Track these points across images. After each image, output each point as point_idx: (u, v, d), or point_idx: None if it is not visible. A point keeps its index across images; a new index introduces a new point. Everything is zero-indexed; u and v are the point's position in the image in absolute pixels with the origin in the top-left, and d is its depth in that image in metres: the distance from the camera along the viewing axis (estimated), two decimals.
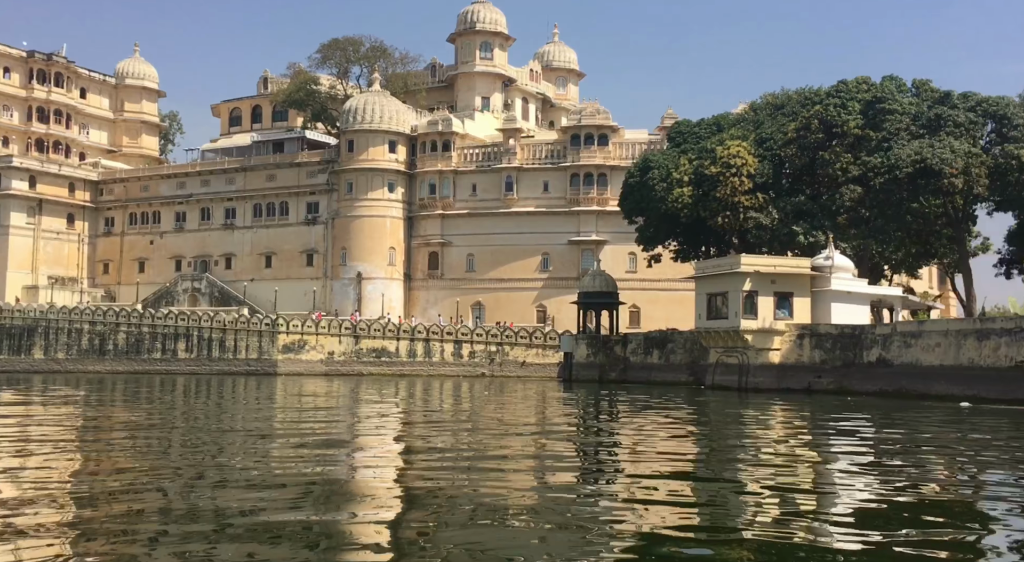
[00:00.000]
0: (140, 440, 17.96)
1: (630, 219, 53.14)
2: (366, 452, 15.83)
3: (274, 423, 22.57)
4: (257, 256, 76.90)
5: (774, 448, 17.49)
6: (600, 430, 21.78)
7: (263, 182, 77.13)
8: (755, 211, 43.03)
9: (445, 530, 8.27)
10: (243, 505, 9.48)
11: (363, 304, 71.90)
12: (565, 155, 71.11)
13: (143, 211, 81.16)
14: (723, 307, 38.88)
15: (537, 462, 14.27)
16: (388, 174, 72.82)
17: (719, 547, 7.81)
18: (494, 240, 71.91)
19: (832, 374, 35.63)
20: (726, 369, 39.35)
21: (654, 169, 49.59)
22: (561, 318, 69.85)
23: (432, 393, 40.75)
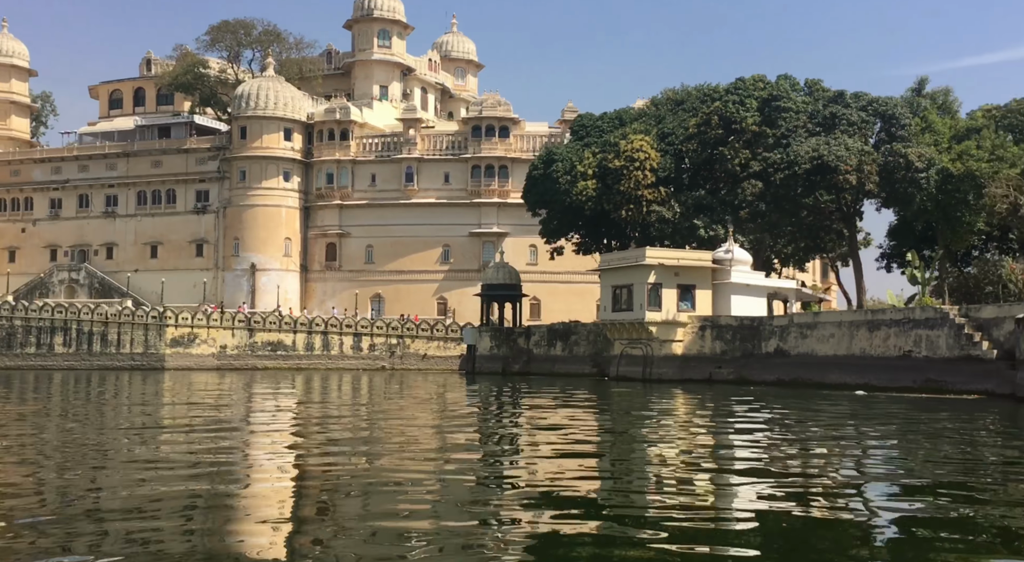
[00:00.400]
0: (11, 435, 16.81)
1: (533, 211, 53.20)
2: (258, 448, 15.01)
3: (161, 419, 21.26)
4: (142, 246, 73.14)
5: (675, 434, 17.82)
6: (504, 421, 21.53)
7: (148, 168, 73.35)
8: (658, 205, 43.75)
9: (339, 530, 7.67)
10: (122, 515, 8.55)
11: (257, 296, 69.50)
12: (466, 146, 70.62)
13: (13, 197, 75.85)
14: (628, 299, 39.36)
15: (438, 454, 13.89)
16: (283, 162, 70.53)
17: (619, 536, 7.61)
18: (394, 231, 70.77)
19: (732, 364, 36.61)
20: (630, 360, 39.87)
21: (558, 162, 49.74)
22: (462, 310, 69.47)
23: (331, 387, 39.65)
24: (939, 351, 28.12)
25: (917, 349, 28.96)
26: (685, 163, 44.77)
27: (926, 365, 28.42)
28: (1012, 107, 42.08)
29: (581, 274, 68.88)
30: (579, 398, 29.05)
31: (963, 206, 35.84)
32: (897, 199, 34.96)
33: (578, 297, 69.44)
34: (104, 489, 10.12)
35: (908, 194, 34.40)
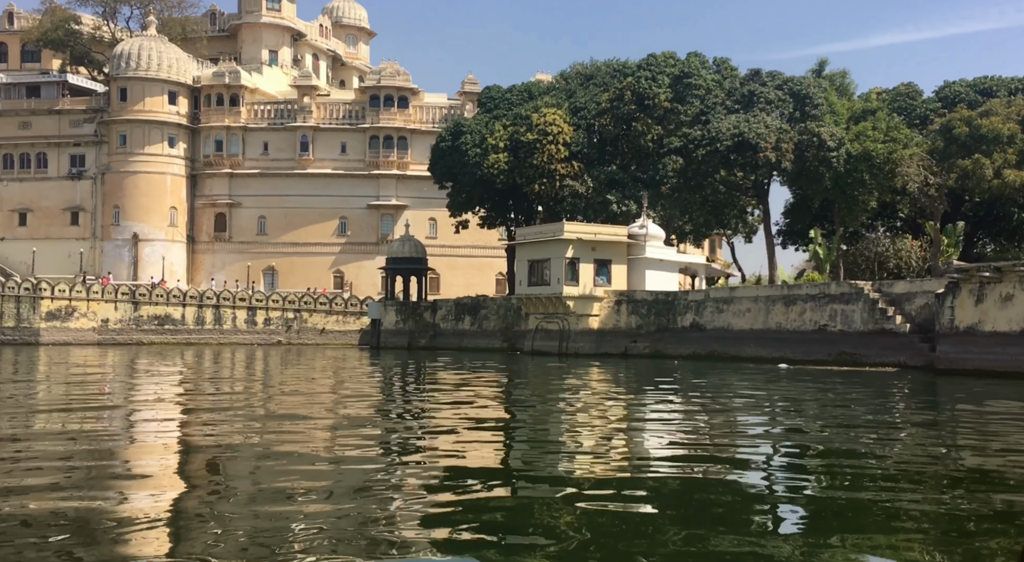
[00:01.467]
0: None
1: (440, 184, 51.97)
2: (142, 426, 13.74)
3: (35, 396, 19.14)
4: (9, 213, 67.13)
5: (590, 404, 17.61)
6: (411, 394, 20.70)
7: (15, 130, 67.19)
8: (571, 179, 43.48)
9: (228, 510, 6.97)
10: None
11: (140, 268, 65.20)
12: (364, 116, 68.27)
13: None
14: (545, 273, 38.97)
15: (337, 429, 13.08)
16: (168, 127, 66.14)
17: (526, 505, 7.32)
18: (288, 202, 67.83)
19: (647, 339, 36.89)
20: (546, 335, 39.59)
21: (466, 134, 48.63)
22: (360, 284, 67.57)
23: (222, 362, 37.56)
24: (854, 325, 29.11)
25: (832, 323, 29.90)
26: (597, 138, 44.62)
27: (841, 338, 29.38)
28: (901, 90, 44.07)
29: (482, 249, 68.30)
30: (490, 372, 28.54)
31: (860, 185, 37.23)
32: (808, 177, 35.90)
33: (478, 271, 68.79)
34: None
35: (818, 172, 35.39)
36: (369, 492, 7.75)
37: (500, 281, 69.49)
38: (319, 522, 6.50)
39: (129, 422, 14.34)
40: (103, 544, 5.93)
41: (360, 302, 60.31)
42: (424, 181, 68.85)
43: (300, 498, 7.42)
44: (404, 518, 6.68)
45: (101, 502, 7.41)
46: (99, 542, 5.95)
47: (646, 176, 42.63)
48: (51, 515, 6.80)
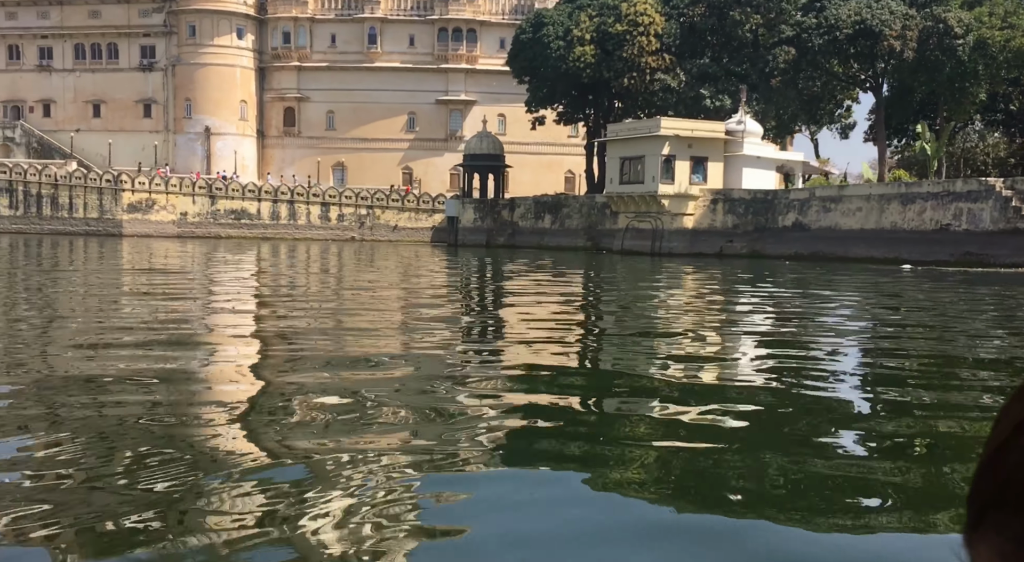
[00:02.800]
0: None
1: (519, 78, 50.01)
2: (224, 317, 13.17)
3: (120, 287, 18.56)
4: (83, 104, 66.60)
5: (691, 304, 16.59)
6: (497, 292, 19.84)
7: (85, 19, 65.86)
8: (662, 73, 41.37)
9: (303, 406, 6.39)
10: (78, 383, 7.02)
11: (212, 162, 64.74)
12: (432, 7, 65.67)
13: None
14: (638, 171, 37.50)
15: (422, 324, 12.22)
16: (236, 18, 64.33)
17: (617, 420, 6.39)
18: (356, 96, 66.28)
19: (744, 239, 35.60)
20: (637, 234, 38.42)
21: (548, 26, 46.37)
22: (428, 180, 66.54)
23: (298, 255, 37.25)
24: (982, 224, 27.50)
25: (957, 222, 28.29)
26: (690, 29, 42.11)
27: (966, 238, 27.83)
28: None
29: (551, 145, 66.53)
30: (577, 270, 27.76)
31: (973, 76, 34.59)
32: (927, 67, 33.27)
33: (546, 169, 67.21)
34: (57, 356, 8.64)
35: (938, 62, 32.84)
36: (443, 394, 6.98)
37: (569, 179, 67.96)
38: (390, 424, 5.89)
39: (208, 311, 13.88)
40: (176, 432, 5.63)
41: (432, 199, 59.39)
42: (493, 75, 66.73)
43: (372, 393, 6.76)
44: (479, 423, 5.92)
45: (177, 385, 7.19)
46: (172, 432, 5.64)
47: (741, 69, 40.37)
48: (130, 400, 6.54)
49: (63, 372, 7.60)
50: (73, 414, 5.99)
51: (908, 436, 5.99)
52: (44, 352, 8.96)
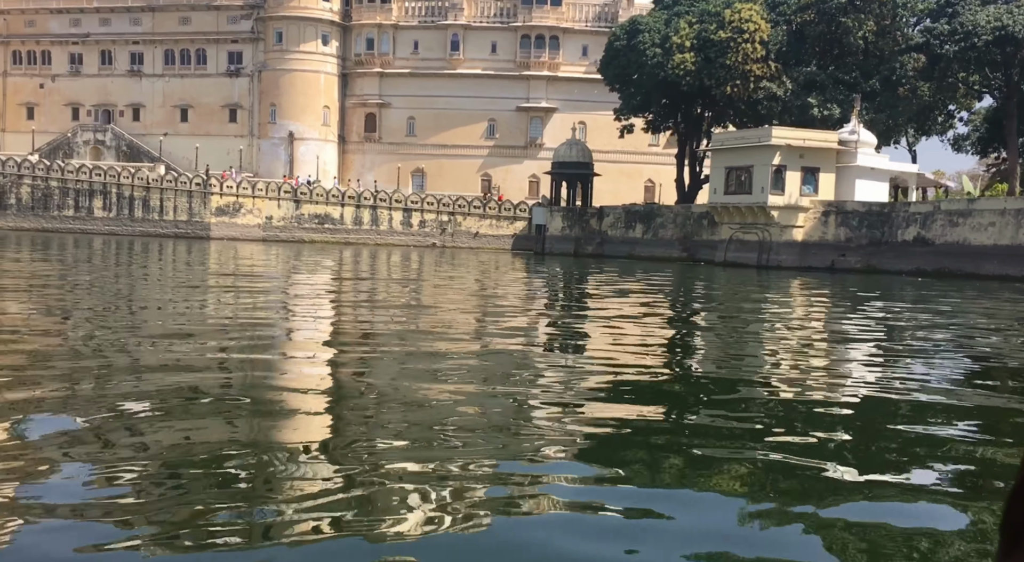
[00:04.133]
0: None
1: (611, 86, 49.07)
2: (311, 320, 13.13)
3: (207, 291, 18.47)
4: (171, 108, 67.54)
5: (802, 320, 15.39)
6: (592, 300, 18.74)
7: (176, 25, 66.83)
8: (767, 80, 40.04)
9: (383, 417, 6.23)
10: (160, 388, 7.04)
11: (295, 166, 65.01)
12: (516, 14, 65.11)
13: (29, 50, 69.04)
14: (746, 181, 36.24)
15: (511, 332, 11.83)
16: (322, 24, 64.60)
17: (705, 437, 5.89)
18: (437, 103, 65.98)
19: (858, 253, 34.10)
20: (742, 246, 37.13)
21: (644, 33, 45.34)
22: (507, 188, 65.92)
23: (379, 260, 36.89)
24: None
25: None
26: (797, 36, 40.72)
27: None
28: None
29: (631, 154, 65.39)
30: (674, 280, 26.71)
31: None
32: None
33: (626, 178, 66.05)
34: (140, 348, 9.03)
35: None
36: (518, 401, 6.71)
37: (649, 188, 66.74)
38: (469, 426, 5.82)
39: (289, 313, 13.83)
40: (257, 421, 5.82)
41: (514, 207, 58.73)
42: (575, 83, 65.95)
43: (453, 398, 6.70)
44: (555, 434, 5.67)
45: (259, 378, 7.41)
46: (254, 421, 5.83)
47: (850, 77, 38.84)
48: (212, 387, 6.85)
49: (145, 367, 7.81)
50: (152, 410, 6.07)
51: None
52: (129, 346, 9.21)
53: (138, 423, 5.62)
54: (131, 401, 6.23)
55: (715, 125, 49.88)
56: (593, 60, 65.78)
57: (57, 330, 10.14)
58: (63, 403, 6.08)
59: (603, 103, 65.04)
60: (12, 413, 5.67)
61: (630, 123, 51.31)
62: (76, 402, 6.11)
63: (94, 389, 6.59)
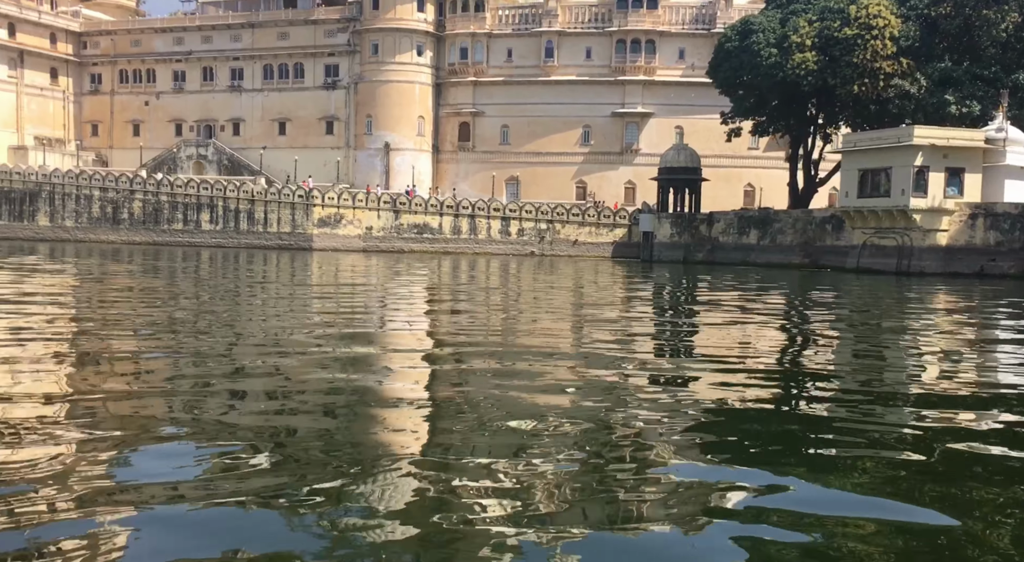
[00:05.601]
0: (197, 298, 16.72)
1: (722, 89, 47.48)
2: (401, 327, 13.23)
3: (311, 300, 18.62)
4: (269, 122, 68.42)
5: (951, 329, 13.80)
6: (714, 309, 17.47)
7: (274, 40, 67.72)
8: (899, 78, 37.98)
9: (480, 439, 5.94)
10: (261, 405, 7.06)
11: (391, 177, 65.06)
12: (610, 19, 63.94)
13: (135, 68, 70.90)
14: (882, 184, 34.31)
15: (628, 343, 11.19)
16: (417, 35, 64.57)
17: None
18: (531, 110, 65.24)
19: (1011, 257, 31.86)
20: (877, 251, 35.17)
21: (757, 33, 43.67)
22: (602, 194, 64.75)
23: (478, 268, 36.26)
24: None
25: None
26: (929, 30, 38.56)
27: None
28: None
29: (730, 158, 63.49)
30: (806, 289, 25.14)
31: None
32: None
33: (724, 182, 64.02)
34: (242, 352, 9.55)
35: None
36: (620, 416, 6.37)
37: (748, 192, 64.70)
38: (563, 442, 5.58)
39: (386, 323, 13.90)
40: (356, 433, 5.92)
41: (613, 214, 57.53)
42: (671, 87, 64.43)
43: (545, 414, 6.43)
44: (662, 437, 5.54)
45: (357, 384, 7.54)
46: (352, 432, 5.92)
47: (990, 72, 36.52)
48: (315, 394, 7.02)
49: (246, 371, 8.15)
50: (253, 412, 6.30)
51: None
52: (231, 352, 9.57)
53: (235, 422, 5.93)
54: (233, 399, 6.62)
55: (829, 126, 47.84)
56: (690, 63, 64.24)
57: (172, 336, 10.79)
58: (174, 405, 6.52)
59: (701, 106, 63.34)
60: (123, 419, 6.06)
61: (738, 126, 49.68)
62: (181, 408, 6.45)
63: (197, 395, 6.90)
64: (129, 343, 10.15)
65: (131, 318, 13.15)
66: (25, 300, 15.25)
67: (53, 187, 57.84)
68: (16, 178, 58.23)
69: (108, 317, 13.20)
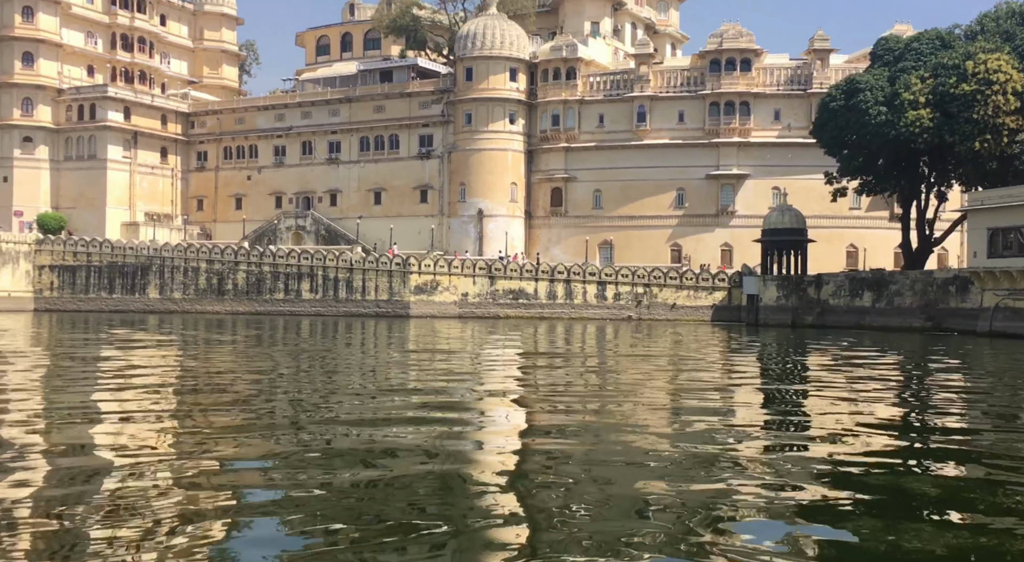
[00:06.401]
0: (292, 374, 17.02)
1: (827, 148, 46.56)
2: (500, 403, 12.79)
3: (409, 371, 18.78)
4: (365, 192, 70.31)
5: None
6: (843, 387, 16.16)
7: (370, 114, 70.06)
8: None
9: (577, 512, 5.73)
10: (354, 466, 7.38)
11: (484, 242, 65.72)
12: (703, 82, 63.96)
13: (238, 145, 74.23)
14: (1018, 242, 32.69)
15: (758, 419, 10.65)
16: (509, 104, 65.84)
17: None
18: (623, 174, 65.29)
19: None
20: (1014, 314, 33.32)
21: (865, 92, 42.86)
22: (698, 257, 63.88)
23: (573, 335, 35.67)
24: None
25: None
26: None
27: None
28: None
29: (830, 218, 61.91)
30: (937, 356, 23.59)
31: None
32: None
33: (825, 243, 62.25)
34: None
35: None
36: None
37: (851, 253, 62.84)
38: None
39: (480, 391, 13.82)
40: (448, 516, 5.79)
41: (712, 276, 56.55)
42: (767, 148, 63.70)
43: (639, 493, 6.27)
44: None
45: (449, 465, 7.38)
46: (444, 514, 5.81)
47: None
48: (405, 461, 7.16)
49: (341, 432, 8.47)
50: (347, 484, 6.43)
51: None
52: (329, 414, 9.91)
53: (329, 497, 6.11)
54: (328, 473, 6.83)
55: (942, 184, 46.23)
56: (786, 123, 63.52)
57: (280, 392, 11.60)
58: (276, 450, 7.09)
59: (799, 167, 62.29)
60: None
61: (843, 186, 48.52)
62: (280, 479, 6.69)
63: (294, 467, 7.14)
64: (230, 410, 10.45)
65: (234, 385, 13.68)
66: (134, 373, 15.80)
67: (163, 260, 60.35)
68: (129, 253, 61.04)
69: (214, 385, 13.67)
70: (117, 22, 75.41)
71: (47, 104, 70.34)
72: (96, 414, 10.67)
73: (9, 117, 69.58)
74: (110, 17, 75.24)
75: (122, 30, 75.65)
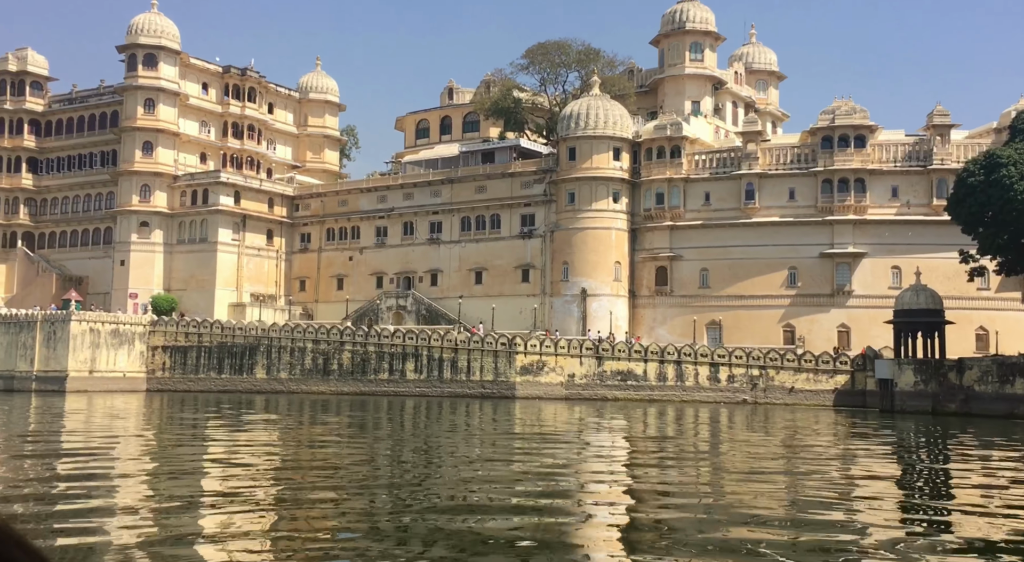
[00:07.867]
0: None
1: (965, 226, 44.64)
2: (607, 498, 12.90)
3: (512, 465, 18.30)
4: (466, 272, 70.69)
5: None
6: None
7: (472, 194, 71.04)
8: None
9: None
10: None
11: (587, 322, 64.80)
12: (815, 159, 62.82)
13: (341, 226, 76.04)
14: None
15: None
16: (613, 183, 65.86)
17: None
18: (731, 253, 63.99)
19: None
20: None
21: (1007, 166, 41.19)
22: (812, 339, 61.49)
23: (685, 420, 34.00)
24: None
25: None
26: None
27: None
28: None
29: (956, 299, 58.99)
30: None
31: None
32: None
33: (954, 326, 59.48)
34: None
35: None
36: None
37: (981, 336, 59.58)
38: None
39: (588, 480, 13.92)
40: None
41: (833, 359, 54.23)
42: (884, 226, 61.69)
43: None
44: None
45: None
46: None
47: None
48: None
49: (438, 532, 8.66)
50: None
51: None
52: (427, 506, 10.20)
53: None
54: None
55: None
56: (905, 200, 61.58)
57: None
58: None
59: (921, 245, 60.04)
60: None
61: (981, 265, 46.23)
62: None
63: None
64: (330, 493, 10.96)
65: (339, 469, 13.80)
66: (243, 455, 15.82)
67: (270, 341, 61.36)
68: (238, 333, 62.34)
69: (328, 463, 13.69)
70: (229, 111, 79.30)
71: (163, 190, 73.77)
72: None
73: (128, 203, 73.14)
74: (223, 107, 79.18)
75: (233, 119, 79.45)
